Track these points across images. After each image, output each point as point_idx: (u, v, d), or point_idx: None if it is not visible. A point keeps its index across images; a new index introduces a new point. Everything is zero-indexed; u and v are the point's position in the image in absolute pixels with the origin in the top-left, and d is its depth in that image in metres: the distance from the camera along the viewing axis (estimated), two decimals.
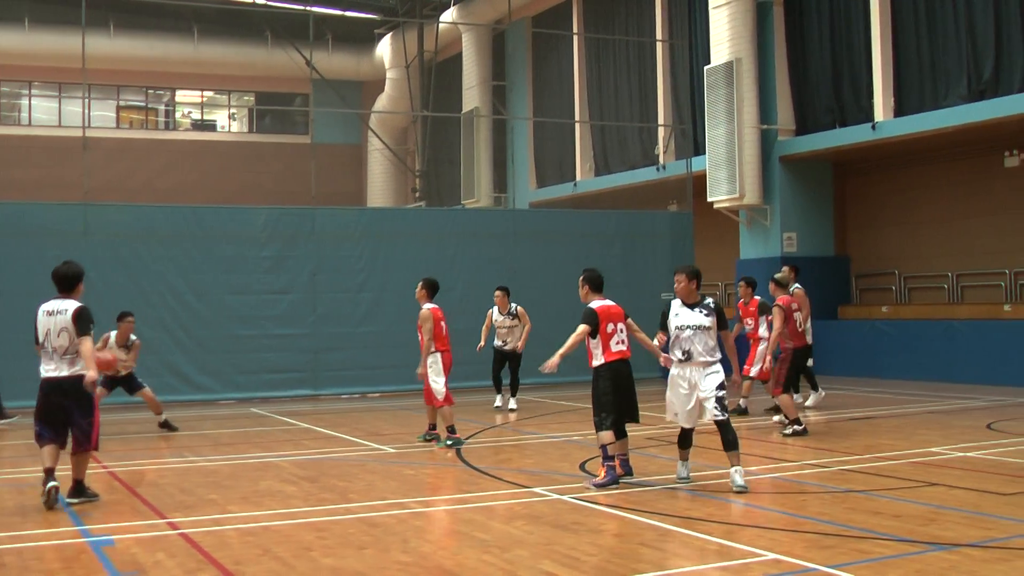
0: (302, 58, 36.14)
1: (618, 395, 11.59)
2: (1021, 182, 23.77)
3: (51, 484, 10.72)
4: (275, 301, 23.28)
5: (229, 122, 50.01)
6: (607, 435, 11.41)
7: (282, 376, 23.07)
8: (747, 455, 13.68)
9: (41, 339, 11.03)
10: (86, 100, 29.13)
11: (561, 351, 11.41)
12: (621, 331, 11.70)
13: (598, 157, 35.00)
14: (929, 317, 24.60)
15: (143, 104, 48.28)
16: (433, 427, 15.72)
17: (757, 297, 18.31)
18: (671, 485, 11.35)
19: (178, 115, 49.19)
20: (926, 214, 25.98)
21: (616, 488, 11.17)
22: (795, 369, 16.46)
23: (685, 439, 11.50)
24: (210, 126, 49.36)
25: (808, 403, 18.84)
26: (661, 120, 31.61)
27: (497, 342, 20.22)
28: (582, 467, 12.71)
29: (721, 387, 11.08)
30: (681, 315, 11.28)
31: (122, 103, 47.27)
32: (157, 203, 28.71)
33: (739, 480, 10.86)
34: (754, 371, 17.72)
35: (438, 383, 15.08)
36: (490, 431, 16.88)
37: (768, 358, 16.30)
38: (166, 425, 17.71)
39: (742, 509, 10.33)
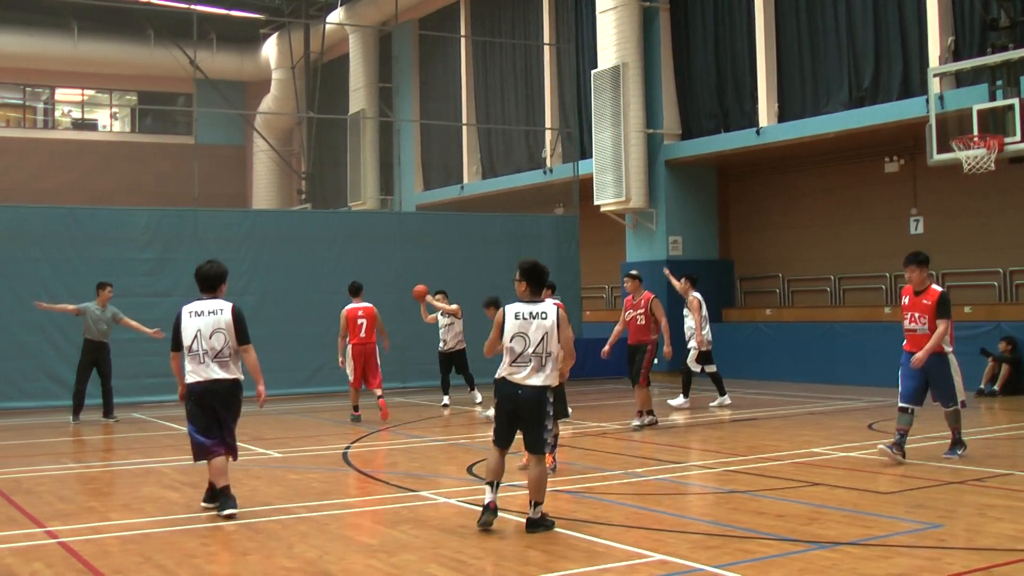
0: (185, 57, 35.62)
1: None
2: (901, 187, 24.25)
3: (228, 510, 10.18)
4: (156, 304, 22.81)
5: (111, 121, 49.17)
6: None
7: (164, 380, 22.54)
8: (632, 457, 13.76)
9: (188, 342, 10.46)
10: None
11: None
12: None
13: (485, 160, 35.02)
14: (811, 319, 25.00)
15: (20, 102, 47.27)
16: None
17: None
18: (557, 488, 11.35)
19: (58, 114, 48.25)
20: (808, 218, 26.39)
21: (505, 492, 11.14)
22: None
23: None
24: (91, 125, 48.49)
25: (675, 403, 19.45)
26: (548, 123, 31.72)
27: (440, 344, 20.39)
28: (469, 470, 12.67)
29: None
30: None
31: None
32: (35, 204, 28.09)
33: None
34: None
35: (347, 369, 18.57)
36: (376, 435, 16.77)
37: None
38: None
39: (628, 510, 10.36)
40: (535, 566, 8.09)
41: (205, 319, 10.44)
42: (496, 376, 9.42)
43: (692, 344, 19.45)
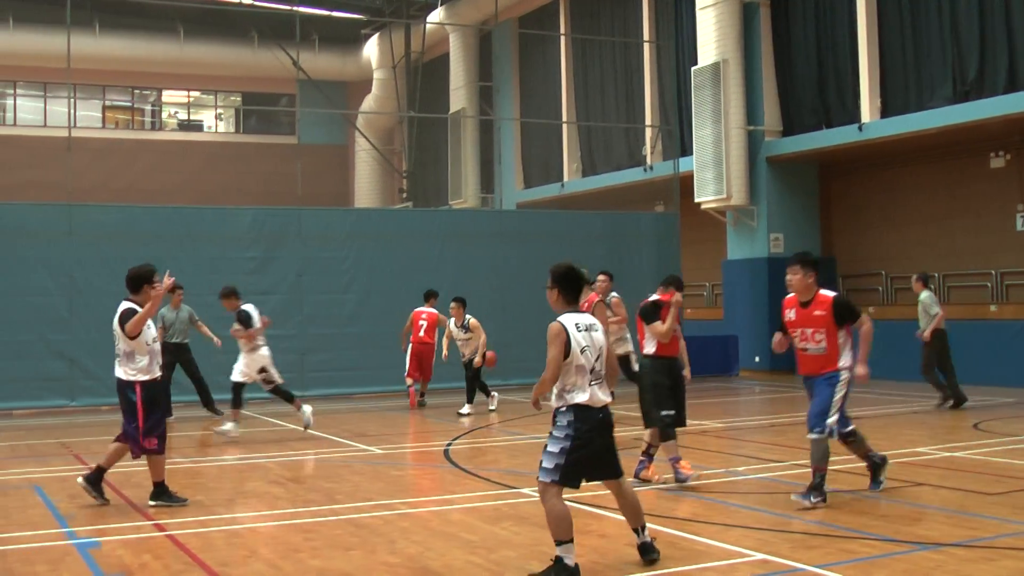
0: (288, 58, 36.07)
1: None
2: (1007, 183, 23.82)
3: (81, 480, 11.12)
4: (260, 302, 22.99)
5: (216, 122, 49.91)
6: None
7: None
8: (733, 455, 13.70)
9: None
10: (71, 100, 29.02)
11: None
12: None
13: (585, 158, 35.01)
14: (915, 318, 24.53)
15: (129, 104, 48.17)
16: None
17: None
18: (657, 486, 11.34)
19: (164, 115, 49.08)
20: (912, 215, 26.01)
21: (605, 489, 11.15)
22: None
23: None
24: (197, 126, 49.27)
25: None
26: (648, 121, 31.62)
27: (461, 355, 20.18)
28: None
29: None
30: None
31: (108, 103, 47.18)
32: (142, 203, 28.63)
33: None
34: None
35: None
36: (476, 432, 16.86)
37: None
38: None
39: (729, 509, 10.33)
40: (635, 564, 8.11)
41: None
42: (573, 402, 7.85)
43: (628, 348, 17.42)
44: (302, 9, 35.12)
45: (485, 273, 24.11)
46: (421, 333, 20.33)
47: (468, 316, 19.83)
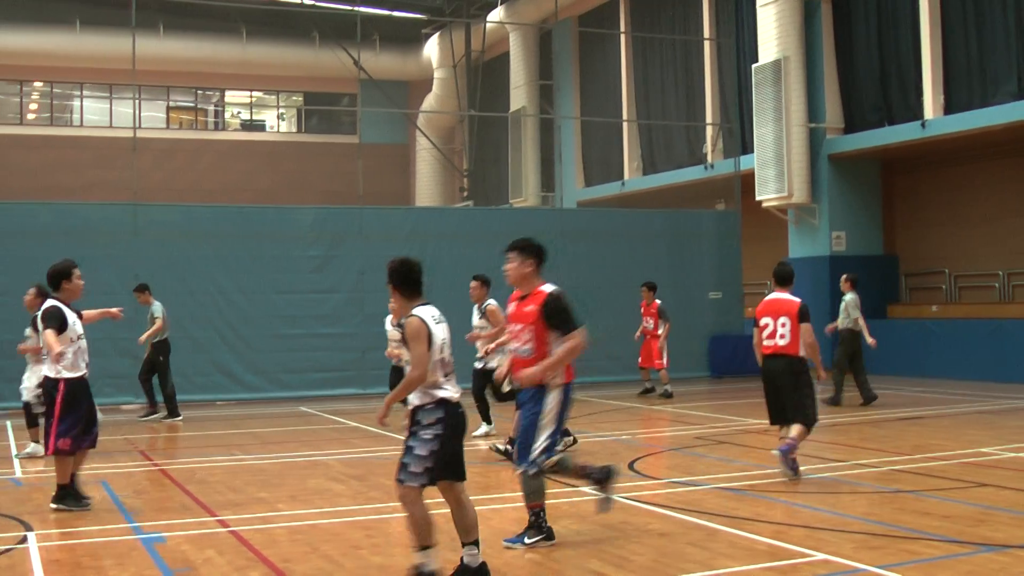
0: (350, 58, 36.25)
1: (766, 392, 11.89)
2: None
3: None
4: (322, 300, 23.37)
5: (278, 122, 50.25)
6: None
7: (330, 375, 23.16)
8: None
9: None
10: (136, 101, 29.34)
11: None
12: (782, 326, 11.66)
13: (645, 156, 34.92)
14: (979, 316, 24.39)
15: (192, 104, 48.61)
16: None
17: (657, 300, 21.55)
18: (719, 485, 11.32)
19: (227, 115, 49.48)
20: (975, 212, 25.75)
21: (666, 488, 11.15)
22: None
23: None
24: (259, 126, 49.61)
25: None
26: (708, 119, 31.51)
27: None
28: (631, 466, 12.70)
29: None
30: None
31: (172, 104, 47.63)
32: (205, 203, 28.91)
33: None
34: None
35: None
36: None
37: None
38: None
39: (790, 509, 10.29)
40: (696, 563, 8.10)
41: None
42: (442, 397, 7.61)
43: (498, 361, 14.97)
44: (363, 9, 35.24)
45: (546, 272, 23.89)
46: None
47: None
